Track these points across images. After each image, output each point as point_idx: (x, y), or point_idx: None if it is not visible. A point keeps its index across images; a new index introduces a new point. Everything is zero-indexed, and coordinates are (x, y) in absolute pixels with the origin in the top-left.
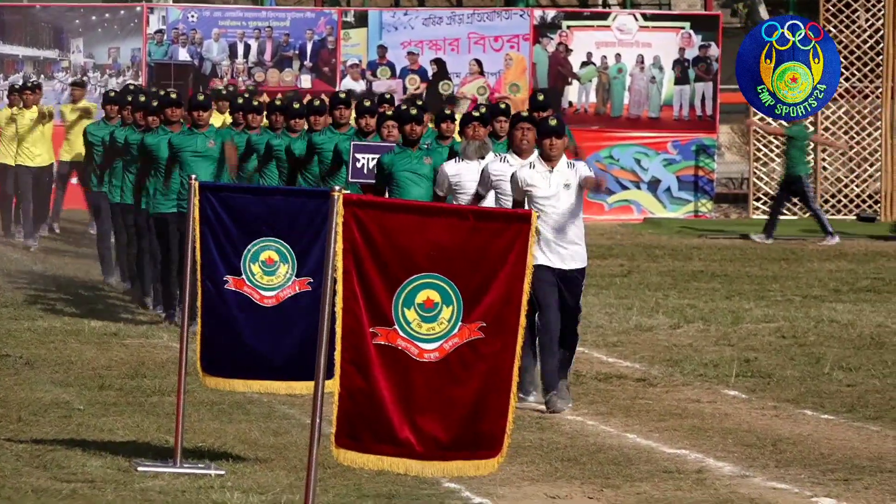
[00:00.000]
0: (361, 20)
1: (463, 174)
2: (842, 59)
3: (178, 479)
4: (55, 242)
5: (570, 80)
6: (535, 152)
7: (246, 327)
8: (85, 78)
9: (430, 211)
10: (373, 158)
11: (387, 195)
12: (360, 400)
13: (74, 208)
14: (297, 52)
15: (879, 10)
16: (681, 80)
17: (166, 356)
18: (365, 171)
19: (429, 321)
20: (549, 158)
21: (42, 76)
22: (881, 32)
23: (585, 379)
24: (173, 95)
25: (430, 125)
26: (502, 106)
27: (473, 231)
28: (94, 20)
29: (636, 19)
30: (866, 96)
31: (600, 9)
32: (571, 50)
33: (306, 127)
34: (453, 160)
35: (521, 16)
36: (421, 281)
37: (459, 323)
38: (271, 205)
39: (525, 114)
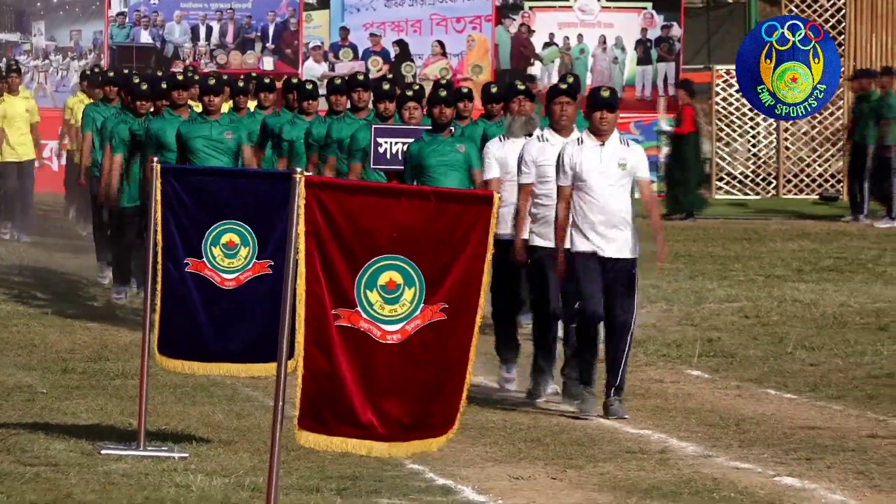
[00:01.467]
0: (323, 2)
1: (509, 154)
2: None
3: (141, 462)
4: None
5: (532, 61)
6: (576, 129)
7: (206, 310)
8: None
9: (393, 192)
10: (396, 143)
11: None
12: (323, 382)
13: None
14: (259, 34)
15: None
16: (643, 60)
17: (129, 339)
18: (388, 156)
19: (391, 303)
20: (598, 133)
21: (3, 59)
22: (843, 12)
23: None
24: (179, 77)
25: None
26: (521, 86)
27: (436, 213)
28: (56, 3)
29: (599, 2)
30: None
31: None
32: (534, 31)
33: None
34: (498, 138)
35: None
36: (383, 263)
37: (422, 304)
38: (235, 187)
39: (564, 86)
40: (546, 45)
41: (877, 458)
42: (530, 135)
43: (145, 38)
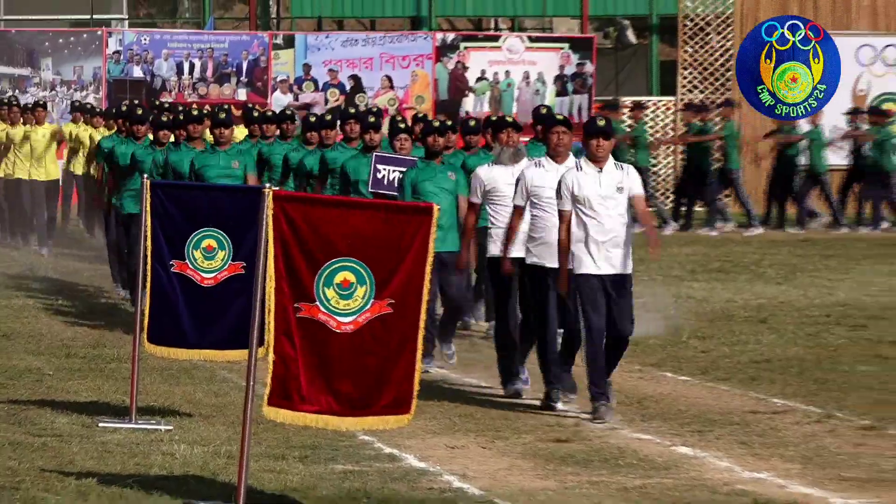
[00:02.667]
0: (289, 42)
1: (497, 179)
2: (697, 75)
3: (133, 434)
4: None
5: (466, 92)
6: (571, 156)
7: (188, 304)
8: (53, 93)
9: (349, 205)
10: (393, 171)
11: None
12: (290, 366)
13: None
14: (234, 69)
15: (729, 33)
16: (561, 92)
17: (123, 329)
18: (385, 182)
19: (345, 298)
20: (595, 160)
21: (17, 90)
22: (730, 52)
23: (479, 347)
24: (195, 112)
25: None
26: (508, 119)
27: (385, 222)
28: (61, 42)
29: (523, 41)
30: (718, 105)
31: (492, 32)
32: (468, 67)
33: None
34: (486, 165)
35: (424, 38)
36: (339, 264)
37: (372, 300)
38: (213, 199)
39: (560, 117)
40: (478, 79)
41: (757, 430)
42: (517, 163)
43: (137, 73)
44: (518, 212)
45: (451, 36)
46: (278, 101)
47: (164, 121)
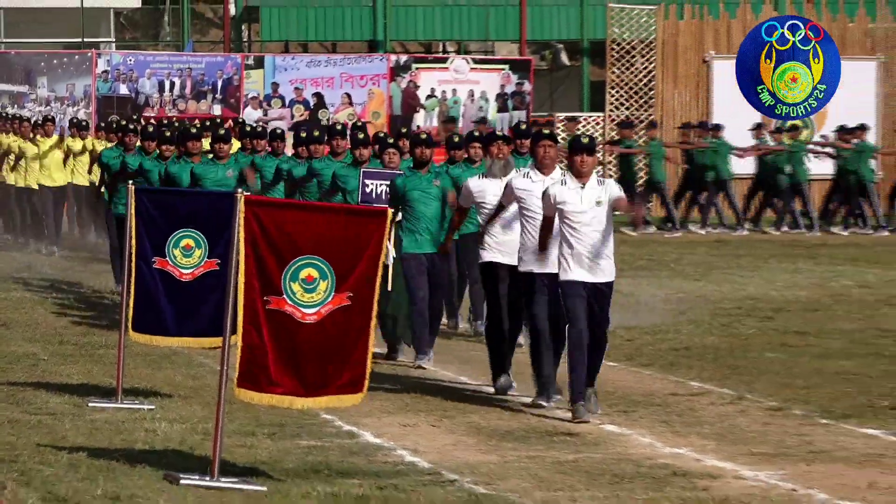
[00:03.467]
0: (259, 63)
1: (486, 190)
2: (623, 94)
3: (119, 413)
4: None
5: (417, 109)
6: (557, 168)
7: (168, 297)
8: (48, 108)
9: (312, 208)
10: (380, 184)
11: (400, 214)
12: (257, 352)
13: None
14: (210, 87)
15: (652, 57)
16: (502, 109)
17: (110, 319)
18: (374, 195)
19: (309, 292)
20: (579, 175)
21: (16, 105)
22: (653, 73)
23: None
24: (193, 130)
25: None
26: (522, 127)
27: (345, 224)
28: (55, 62)
29: (468, 63)
30: (643, 122)
31: (441, 55)
32: (419, 86)
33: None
34: (477, 176)
35: (380, 60)
36: (304, 262)
37: (333, 293)
38: (191, 203)
39: (547, 131)
40: (428, 96)
41: (677, 410)
42: (506, 175)
43: (123, 90)
44: (499, 211)
45: (403, 58)
46: (249, 116)
47: (168, 136)
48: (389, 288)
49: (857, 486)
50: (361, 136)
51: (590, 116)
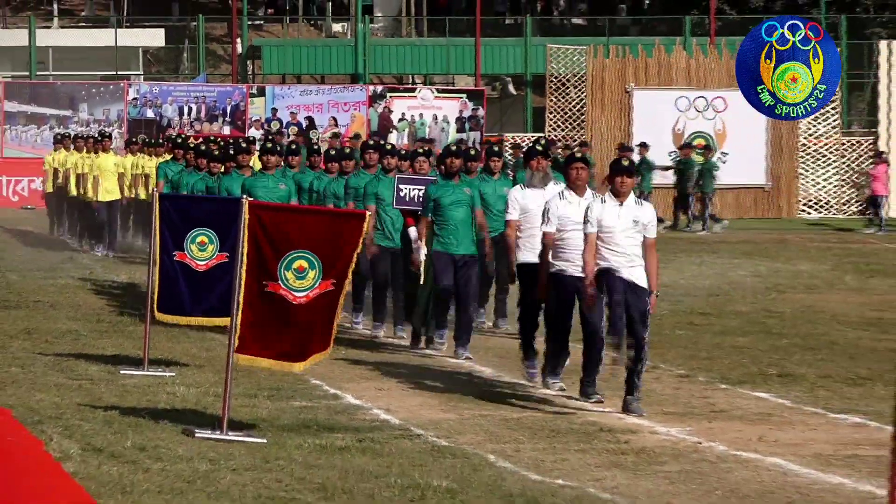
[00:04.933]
0: (261, 92)
1: (528, 200)
2: (559, 118)
3: (145, 379)
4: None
5: (391, 129)
6: (588, 189)
7: (186, 283)
8: (88, 128)
9: (303, 212)
10: (413, 188)
11: (430, 216)
12: (255, 327)
13: None
14: (220, 111)
15: (583, 88)
16: (460, 130)
17: (139, 301)
18: (407, 199)
19: (300, 279)
20: (618, 194)
21: (61, 126)
22: (584, 101)
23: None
24: (243, 144)
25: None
26: (539, 147)
27: (330, 224)
28: (94, 91)
29: (433, 92)
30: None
31: (410, 85)
32: (392, 111)
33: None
34: (519, 186)
35: (360, 90)
36: (297, 254)
37: (320, 280)
38: (206, 207)
39: (579, 154)
40: (400, 119)
41: (603, 377)
42: (546, 186)
43: (150, 114)
44: (547, 237)
45: (380, 88)
46: (253, 134)
47: (216, 154)
48: (422, 281)
49: (750, 439)
50: (390, 147)
51: (531, 136)
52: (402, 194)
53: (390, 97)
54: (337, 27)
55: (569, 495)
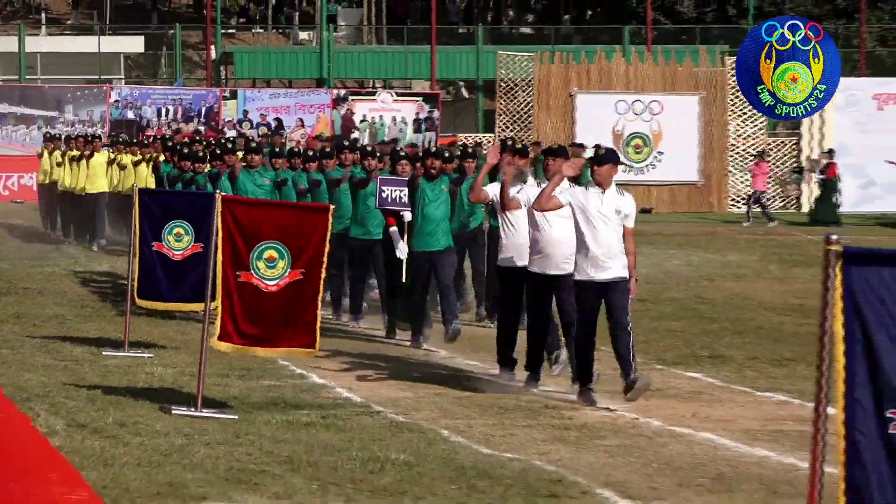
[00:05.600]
0: (233, 95)
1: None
2: (508, 120)
3: (126, 360)
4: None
5: (353, 130)
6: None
7: (164, 272)
8: (73, 128)
9: (272, 205)
10: (395, 190)
11: (409, 216)
12: (231, 315)
13: None
14: (196, 113)
15: (530, 92)
16: (417, 130)
17: (120, 288)
18: (389, 200)
19: (271, 268)
20: (599, 183)
21: (48, 126)
22: (531, 105)
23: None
24: (229, 145)
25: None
26: (518, 145)
27: (297, 217)
28: (79, 94)
29: (391, 96)
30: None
31: (371, 89)
32: (354, 113)
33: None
34: (493, 184)
35: (325, 93)
36: (267, 245)
37: (289, 269)
38: (182, 201)
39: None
40: (361, 121)
41: (550, 360)
42: (524, 183)
43: (130, 115)
44: (554, 202)
45: (342, 91)
46: (226, 134)
47: (200, 155)
48: (404, 279)
49: (683, 415)
50: (370, 149)
51: (483, 136)
52: (384, 195)
53: (352, 100)
54: (303, 35)
55: (516, 468)
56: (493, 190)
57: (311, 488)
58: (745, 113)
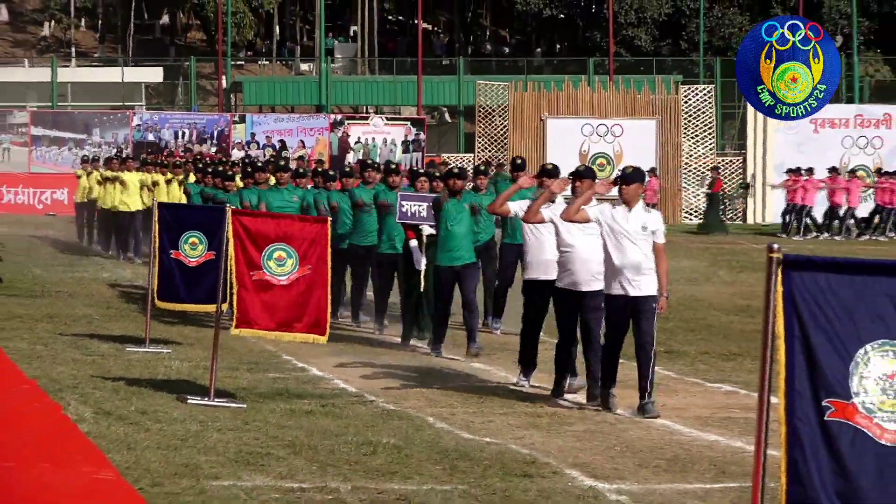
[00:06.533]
0: (242, 119)
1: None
2: (487, 142)
3: (147, 355)
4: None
5: (349, 150)
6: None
7: (181, 276)
8: (100, 149)
9: (277, 216)
10: (414, 205)
11: (429, 229)
12: (248, 306)
13: None
14: (209, 135)
15: (506, 117)
16: (405, 151)
17: (142, 292)
18: (409, 214)
19: (281, 266)
20: (626, 202)
21: (78, 148)
22: (507, 128)
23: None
24: (259, 163)
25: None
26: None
27: (300, 225)
28: (105, 119)
29: (383, 120)
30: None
31: (364, 115)
32: (350, 135)
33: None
34: (520, 201)
35: (324, 118)
36: (276, 247)
37: (298, 267)
38: (198, 213)
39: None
40: (356, 143)
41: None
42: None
43: (151, 137)
44: (582, 214)
45: (339, 116)
46: (235, 155)
47: (230, 174)
48: (423, 289)
49: None
50: (394, 166)
51: (463, 157)
52: (404, 209)
53: (348, 124)
54: (304, 66)
55: (494, 450)
56: (516, 206)
57: (312, 469)
58: (697, 135)
